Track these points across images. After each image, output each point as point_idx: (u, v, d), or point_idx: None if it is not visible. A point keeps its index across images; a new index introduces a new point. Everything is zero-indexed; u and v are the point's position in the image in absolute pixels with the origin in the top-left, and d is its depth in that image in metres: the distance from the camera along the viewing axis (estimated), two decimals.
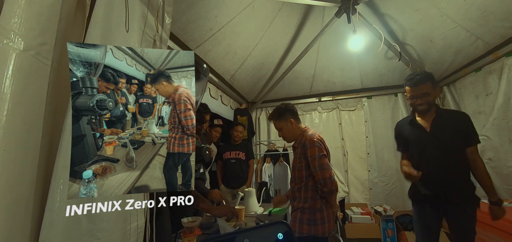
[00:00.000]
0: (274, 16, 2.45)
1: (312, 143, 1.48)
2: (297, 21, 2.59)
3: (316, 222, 1.44)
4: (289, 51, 2.96)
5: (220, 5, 1.97)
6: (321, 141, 1.52)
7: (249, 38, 2.53)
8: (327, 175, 1.41)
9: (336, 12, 2.26)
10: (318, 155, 1.45)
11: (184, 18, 1.87)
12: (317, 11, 2.49)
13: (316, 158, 1.44)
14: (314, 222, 1.44)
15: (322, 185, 1.42)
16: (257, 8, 2.24)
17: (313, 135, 1.53)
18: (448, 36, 2.35)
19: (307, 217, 1.46)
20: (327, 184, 1.41)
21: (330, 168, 1.45)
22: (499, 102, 2.16)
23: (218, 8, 1.99)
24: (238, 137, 2.97)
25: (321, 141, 1.52)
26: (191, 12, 1.87)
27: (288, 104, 1.69)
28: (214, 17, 2.04)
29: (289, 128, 1.62)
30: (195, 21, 1.96)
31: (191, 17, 1.90)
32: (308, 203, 1.47)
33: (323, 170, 1.42)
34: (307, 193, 1.49)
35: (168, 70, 0.57)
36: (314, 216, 1.45)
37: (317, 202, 1.46)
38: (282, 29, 2.63)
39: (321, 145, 1.49)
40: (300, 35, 2.75)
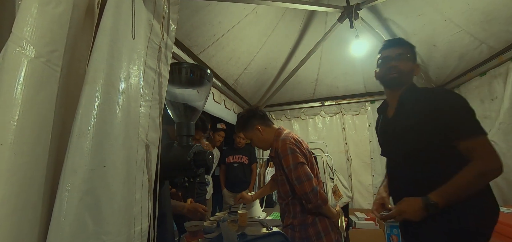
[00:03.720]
0: (277, 22, 2.47)
1: (285, 150, 1.25)
2: (300, 27, 2.61)
3: (310, 239, 1.24)
4: (292, 56, 2.98)
5: (224, 11, 2.00)
6: (295, 143, 1.28)
7: (253, 43, 2.56)
8: (307, 188, 1.17)
9: (338, 17, 2.27)
10: (293, 165, 1.21)
11: (188, 24, 1.90)
12: (320, 17, 2.51)
13: (291, 168, 1.22)
14: (307, 239, 1.24)
15: (306, 200, 1.20)
16: (261, 14, 2.26)
17: (285, 139, 1.29)
18: (451, 40, 2.34)
19: (299, 235, 1.25)
20: (310, 199, 1.18)
21: (310, 178, 1.20)
22: (505, 106, 2.14)
23: (222, 14, 2.02)
24: (241, 141, 2.97)
25: (296, 144, 1.29)
26: (195, 19, 1.90)
27: (252, 109, 1.47)
28: (218, 23, 2.07)
29: (258, 136, 1.39)
30: (199, 27, 1.99)
31: (195, 23, 1.94)
32: (298, 219, 1.27)
33: (302, 184, 1.18)
34: (295, 207, 1.29)
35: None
36: (306, 233, 1.24)
37: (307, 217, 1.25)
38: (285, 35, 2.65)
39: (296, 150, 1.25)
40: (303, 40, 2.77)
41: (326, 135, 3.64)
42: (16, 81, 0.51)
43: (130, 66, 0.70)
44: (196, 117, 1.07)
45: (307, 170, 1.23)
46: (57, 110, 0.58)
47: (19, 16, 0.53)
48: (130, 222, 0.66)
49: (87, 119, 0.56)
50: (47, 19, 0.57)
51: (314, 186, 1.20)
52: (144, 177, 0.72)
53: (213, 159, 1.01)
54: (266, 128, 1.41)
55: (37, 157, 0.54)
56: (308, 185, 1.19)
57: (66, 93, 0.61)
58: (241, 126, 1.44)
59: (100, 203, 0.57)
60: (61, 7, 0.59)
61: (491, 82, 2.34)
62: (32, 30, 0.54)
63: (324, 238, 1.24)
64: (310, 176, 1.22)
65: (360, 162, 3.49)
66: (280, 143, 1.29)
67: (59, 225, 0.51)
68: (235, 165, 2.91)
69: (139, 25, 0.75)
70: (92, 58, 0.60)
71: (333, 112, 3.67)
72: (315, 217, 1.27)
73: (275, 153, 1.34)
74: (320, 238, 1.24)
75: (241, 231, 1.55)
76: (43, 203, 0.55)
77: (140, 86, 0.74)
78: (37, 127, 0.54)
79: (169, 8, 0.86)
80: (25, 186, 0.51)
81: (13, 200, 0.49)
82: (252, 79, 3.16)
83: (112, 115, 0.62)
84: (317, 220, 1.26)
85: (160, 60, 0.81)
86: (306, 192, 1.19)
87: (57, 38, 0.59)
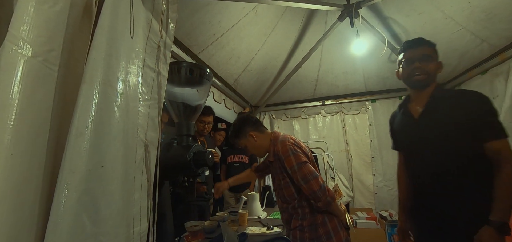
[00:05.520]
0: (277, 21, 2.46)
1: (286, 151, 1.23)
2: (300, 26, 2.60)
3: (320, 238, 1.22)
4: (292, 55, 2.97)
5: (223, 10, 1.99)
6: (294, 144, 1.28)
7: (253, 42, 2.55)
8: (315, 187, 1.16)
9: (339, 16, 2.26)
10: (297, 164, 1.20)
11: (188, 23, 1.90)
12: (320, 16, 2.50)
13: (295, 169, 1.21)
14: (318, 238, 1.22)
15: (315, 199, 1.18)
16: (260, 13, 2.25)
17: (284, 141, 1.28)
18: (452, 39, 2.33)
19: (308, 236, 1.22)
20: (319, 197, 1.16)
21: (316, 176, 1.19)
22: (507, 105, 2.13)
23: (222, 14, 2.01)
24: None
25: (295, 144, 1.28)
26: (195, 18, 1.89)
27: (244, 116, 1.47)
28: (218, 22, 2.06)
29: (252, 143, 1.38)
30: (198, 27, 1.98)
31: (195, 22, 1.93)
32: (307, 220, 1.24)
33: (308, 183, 1.17)
34: (303, 209, 1.26)
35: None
36: (316, 233, 1.23)
37: (317, 216, 1.23)
38: (285, 34, 2.64)
39: (297, 150, 1.25)
40: (303, 39, 2.76)
41: (327, 134, 3.64)
42: (12, 81, 0.50)
43: (129, 66, 0.70)
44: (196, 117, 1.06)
45: (312, 168, 1.21)
46: (55, 110, 0.58)
47: (15, 15, 0.52)
48: (129, 222, 0.65)
49: (84, 119, 0.56)
50: (44, 18, 0.56)
51: (321, 183, 1.18)
52: (143, 176, 0.71)
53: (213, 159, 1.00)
54: (259, 134, 1.39)
55: (34, 157, 0.54)
56: (315, 183, 1.16)
57: (64, 93, 0.61)
58: (234, 134, 1.42)
59: (98, 204, 0.56)
60: (58, 6, 0.59)
61: (493, 81, 2.33)
62: (29, 29, 0.53)
63: (334, 237, 1.22)
64: (315, 174, 1.19)
65: (361, 161, 3.48)
66: (280, 145, 1.28)
67: (57, 226, 0.50)
68: (236, 164, 2.91)
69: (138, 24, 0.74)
70: (90, 57, 0.60)
71: (333, 111, 3.66)
72: (325, 216, 1.24)
73: (275, 156, 1.32)
74: (330, 237, 1.22)
75: (241, 231, 1.55)
76: (41, 203, 0.54)
77: (139, 86, 0.73)
78: (34, 127, 0.54)
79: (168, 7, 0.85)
80: (23, 186, 0.51)
81: (11, 200, 0.49)
82: (252, 78, 3.15)
83: (110, 115, 0.61)
84: (327, 220, 1.24)
85: (159, 59, 0.81)
86: (314, 190, 1.16)
87: (54, 37, 0.58)
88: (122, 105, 0.65)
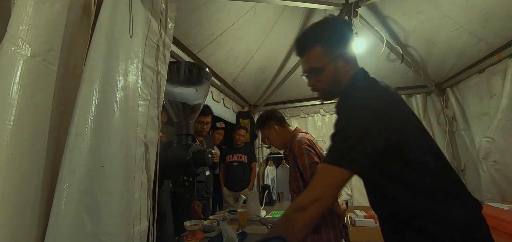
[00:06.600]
0: (276, 20, 2.46)
1: (301, 150, 1.35)
2: (299, 24, 2.60)
3: (319, 229, 1.34)
4: (291, 54, 2.97)
5: (222, 9, 1.99)
6: (310, 144, 1.39)
7: (251, 41, 2.55)
8: None
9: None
10: (309, 164, 1.31)
11: (186, 22, 1.89)
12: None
13: (307, 167, 1.32)
14: (317, 230, 1.34)
15: None
16: (259, 12, 2.25)
17: (301, 140, 1.40)
18: (450, 38, 2.34)
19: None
20: None
21: None
22: (504, 104, 2.14)
23: (220, 13, 2.01)
24: (240, 140, 2.97)
25: (311, 145, 1.39)
26: (193, 17, 1.89)
27: (271, 110, 1.61)
28: (216, 21, 2.06)
29: (274, 135, 1.53)
30: (197, 26, 1.98)
31: (193, 22, 1.92)
32: None
33: None
34: None
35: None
36: (317, 224, 1.31)
37: None
38: (284, 33, 2.64)
39: (311, 151, 1.36)
40: None
41: (326, 133, 3.64)
42: (11, 81, 0.50)
43: (128, 65, 0.70)
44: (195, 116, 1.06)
45: None
46: (54, 110, 0.58)
47: (14, 15, 0.52)
48: (129, 221, 0.65)
49: (84, 119, 0.56)
50: (43, 18, 0.56)
51: None
52: (143, 176, 0.71)
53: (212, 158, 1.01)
54: (282, 129, 1.53)
55: (34, 158, 0.53)
56: None
57: (63, 93, 0.61)
58: (260, 123, 1.57)
59: (99, 203, 0.56)
60: (57, 5, 0.59)
61: (490, 80, 2.34)
62: (28, 29, 0.53)
63: (331, 231, 1.34)
64: None
65: None
66: (296, 144, 1.39)
67: (57, 226, 0.50)
68: (235, 164, 2.92)
69: (137, 23, 0.74)
70: (89, 57, 0.60)
71: (332, 110, 3.67)
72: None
73: (290, 151, 1.45)
74: (328, 231, 1.34)
75: (241, 229, 1.55)
76: (41, 203, 0.54)
77: (138, 85, 0.73)
78: (34, 127, 0.54)
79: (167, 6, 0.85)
80: (23, 186, 0.51)
81: (11, 201, 0.49)
82: (251, 77, 3.15)
83: (110, 115, 0.61)
84: (327, 213, 1.36)
85: (158, 58, 0.81)
86: None
87: (53, 37, 0.58)
88: (122, 105, 0.65)
